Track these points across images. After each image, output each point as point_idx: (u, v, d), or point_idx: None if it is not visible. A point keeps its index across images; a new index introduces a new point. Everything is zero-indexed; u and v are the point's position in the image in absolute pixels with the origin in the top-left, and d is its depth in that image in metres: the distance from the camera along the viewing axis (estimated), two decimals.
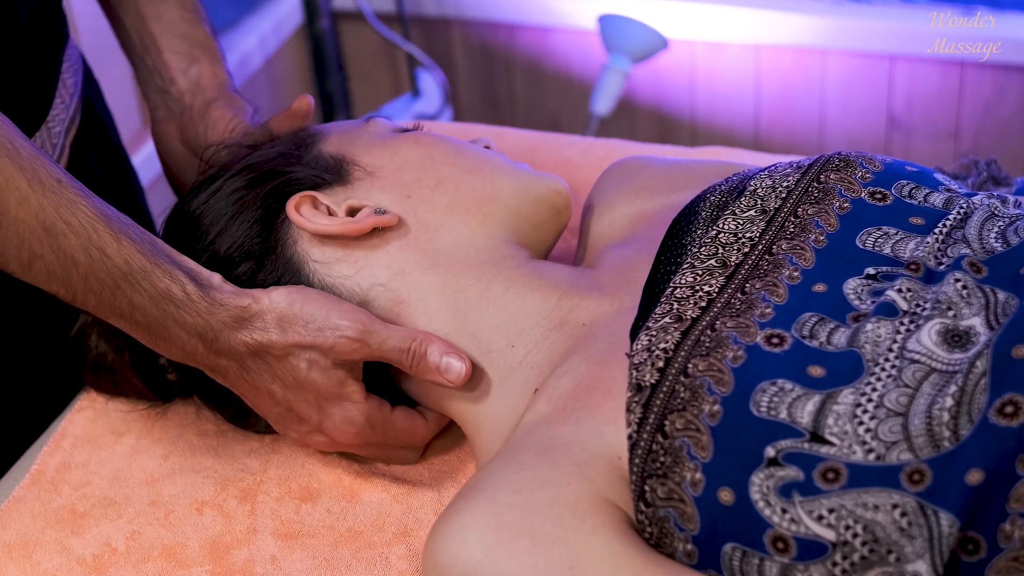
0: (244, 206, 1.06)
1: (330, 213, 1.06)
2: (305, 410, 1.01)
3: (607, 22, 2.30)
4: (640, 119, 2.49)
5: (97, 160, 1.27)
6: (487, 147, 1.15)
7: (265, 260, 1.05)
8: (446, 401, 1.04)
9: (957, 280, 0.90)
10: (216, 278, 0.98)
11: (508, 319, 1.03)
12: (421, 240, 1.05)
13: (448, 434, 1.10)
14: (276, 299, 0.98)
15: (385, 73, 2.66)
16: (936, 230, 0.95)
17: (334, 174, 1.08)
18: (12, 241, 0.91)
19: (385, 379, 1.06)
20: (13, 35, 1.06)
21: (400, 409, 1.04)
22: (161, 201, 1.29)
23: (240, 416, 1.10)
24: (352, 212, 1.06)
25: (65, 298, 0.95)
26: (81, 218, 0.92)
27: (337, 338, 0.98)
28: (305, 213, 1.05)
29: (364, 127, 1.13)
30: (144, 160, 1.97)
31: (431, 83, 2.49)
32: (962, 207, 0.98)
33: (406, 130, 1.13)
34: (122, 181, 1.33)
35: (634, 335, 0.94)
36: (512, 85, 2.56)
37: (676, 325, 0.92)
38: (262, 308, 0.98)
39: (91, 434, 1.13)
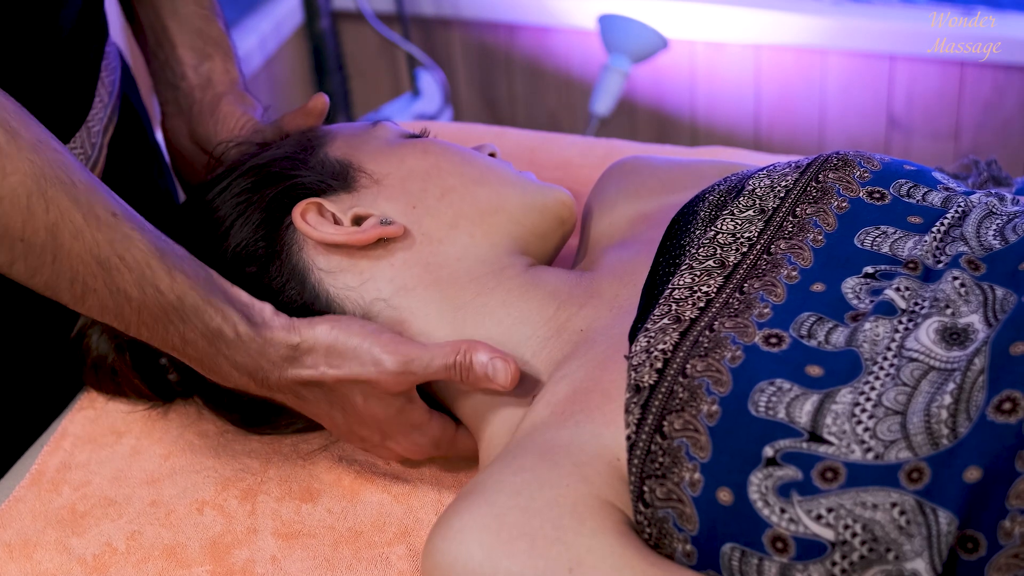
0: (249, 207, 1.06)
1: (336, 221, 1.05)
2: (367, 433, 1.02)
3: (607, 22, 2.30)
4: (640, 119, 2.49)
5: (133, 158, 1.26)
6: (492, 154, 1.15)
7: (270, 265, 1.05)
8: (452, 405, 1.04)
9: (955, 278, 0.90)
10: (268, 310, 0.98)
11: (505, 331, 1.02)
12: (425, 252, 1.05)
13: None
14: (321, 333, 0.98)
15: (385, 73, 2.66)
16: (934, 228, 0.95)
17: (340, 180, 1.07)
18: (66, 275, 0.91)
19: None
20: (55, 42, 1.06)
21: (462, 429, 1.05)
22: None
23: (248, 423, 1.10)
24: (358, 220, 1.06)
25: (119, 328, 0.95)
26: (136, 253, 0.92)
27: (380, 374, 0.97)
28: (311, 220, 1.04)
29: (371, 131, 1.13)
30: None
31: (431, 83, 2.49)
32: (960, 205, 0.98)
33: (413, 135, 1.13)
34: (157, 179, 1.32)
35: (633, 337, 0.94)
36: (512, 85, 2.56)
37: (674, 326, 0.92)
38: (311, 345, 0.97)
39: (91, 434, 1.13)
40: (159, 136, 1.35)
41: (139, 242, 0.93)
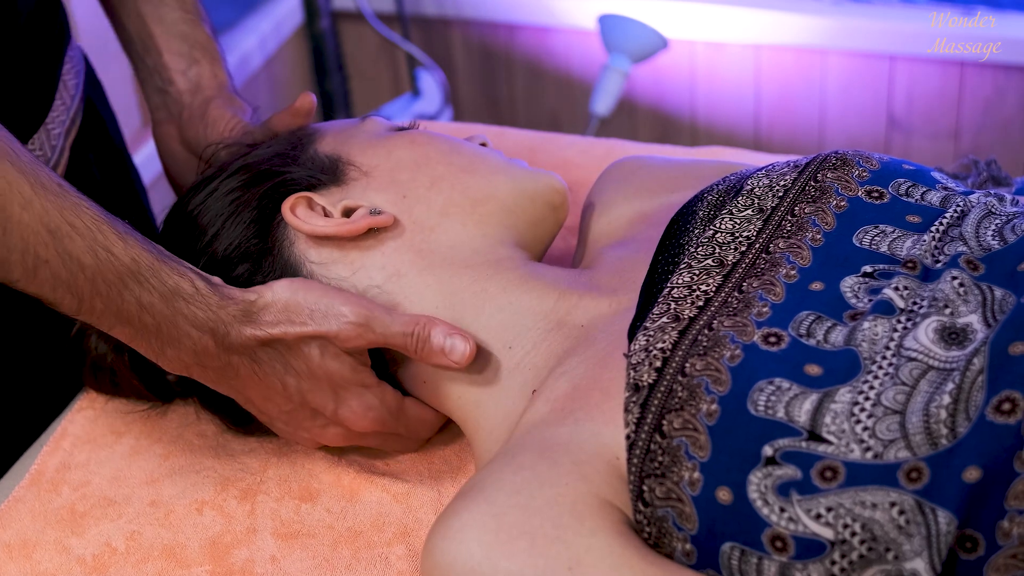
0: (240, 207, 1.06)
1: (325, 214, 1.06)
2: (320, 400, 1.01)
3: (607, 22, 2.30)
4: (640, 119, 2.49)
5: (98, 162, 1.27)
6: (483, 144, 1.15)
7: (263, 261, 1.05)
8: (446, 402, 1.04)
9: (954, 278, 0.90)
10: (217, 280, 0.98)
11: (505, 320, 1.03)
12: (417, 240, 1.05)
13: (448, 434, 1.11)
14: (279, 290, 0.98)
15: (385, 73, 2.66)
16: (933, 228, 0.95)
17: (329, 174, 1.08)
18: (17, 246, 0.89)
19: (387, 378, 1.06)
20: (13, 29, 1.06)
21: (410, 399, 1.05)
22: (161, 200, 1.29)
23: (241, 422, 1.10)
24: (348, 212, 1.06)
25: (71, 306, 0.93)
26: (85, 220, 0.92)
27: (342, 324, 0.98)
28: (300, 214, 1.05)
29: (360, 126, 1.13)
30: (145, 159, 1.97)
31: (431, 83, 2.49)
32: (959, 205, 0.98)
33: (403, 128, 1.13)
34: (124, 183, 1.33)
35: (632, 335, 0.94)
36: (512, 85, 2.56)
37: (673, 325, 0.92)
38: (267, 301, 0.98)
39: (91, 434, 1.13)
40: (125, 138, 1.36)
41: (87, 208, 0.92)
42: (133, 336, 0.96)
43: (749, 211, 1.01)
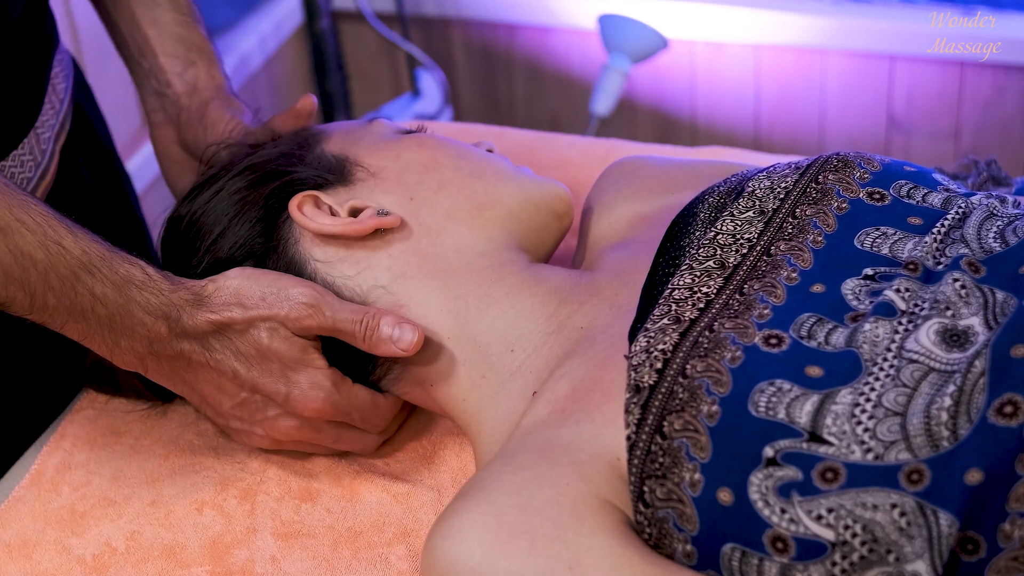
0: (246, 206, 1.07)
1: (332, 213, 1.06)
2: (271, 385, 1.01)
3: (607, 22, 2.30)
4: (640, 119, 2.49)
5: (87, 165, 1.27)
6: (489, 150, 1.15)
7: (267, 260, 1.05)
8: (448, 403, 1.04)
9: (955, 280, 0.90)
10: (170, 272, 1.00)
11: (508, 324, 1.03)
12: (423, 243, 1.05)
13: (448, 435, 1.11)
14: (232, 275, 1.00)
15: (385, 73, 2.66)
16: (934, 230, 0.95)
17: (337, 174, 1.08)
18: None
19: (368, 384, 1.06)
20: (2, 39, 1.06)
21: (360, 385, 1.04)
22: (159, 203, 1.29)
23: None
24: (354, 212, 1.06)
25: (23, 304, 0.93)
26: (34, 216, 0.92)
27: (293, 305, 0.99)
28: (307, 212, 1.05)
29: (367, 128, 1.13)
30: (143, 161, 1.97)
31: (431, 83, 2.49)
32: (960, 207, 0.98)
33: (409, 132, 1.13)
34: (113, 186, 1.33)
35: (632, 337, 0.94)
36: (512, 85, 2.56)
37: (674, 326, 0.92)
38: (219, 286, 0.99)
39: (91, 434, 1.13)
40: (122, 140, 1.36)
41: (35, 205, 0.93)
42: (86, 332, 0.96)
43: (750, 213, 1.01)
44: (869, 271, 0.94)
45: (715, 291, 0.95)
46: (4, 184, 0.92)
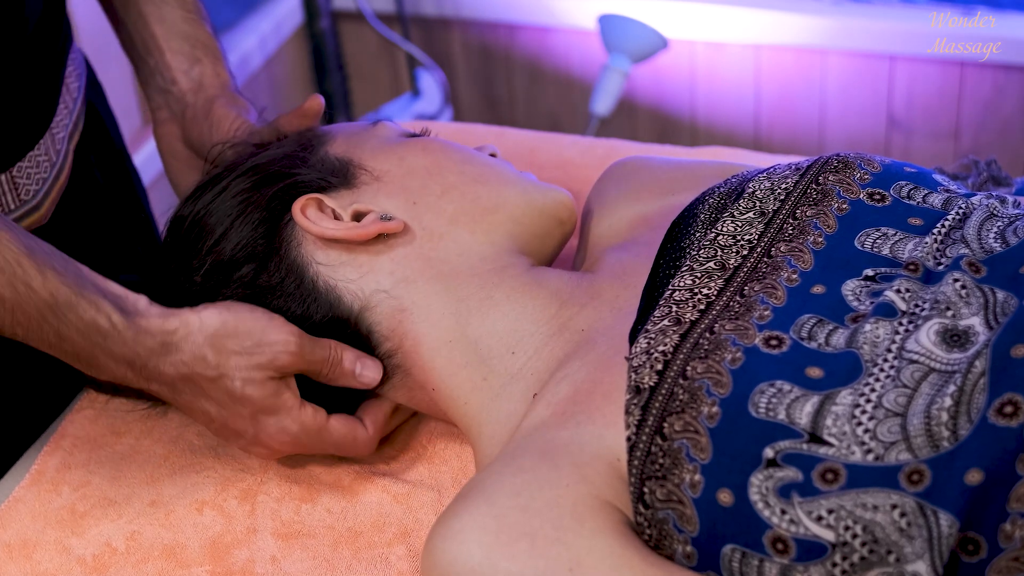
0: (249, 207, 1.06)
1: (335, 216, 1.06)
2: (240, 424, 1.01)
3: (607, 22, 2.30)
4: (640, 119, 2.49)
5: (99, 164, 1.27)
6: (493, 155, 1.15)
7: (269, 262, 1.05)
8: (450, 406, 1.04)
9: (956, 280, 0.90)
10: (142, 302, 0.98)
11: (509, 327, 1.03)
12: (426, 247, 1.05)
13: (448, 436, 1.11)
14: (207, 318, 0.98)
15: (385, 73, 2.66)
16: (935, 230, 0.95)
17: (340, 177, 1.08)
18: None
19: (362, 394, 1.07)
20: (21, 38, 1.06)
21: (337, 417, 1.04)
22: (163, 200, 1.29)
23: None
24: (358, 216, 1.06)
25: None
26: (5, 253, 0.93)
27: (277, 352, 0.99)
28: (311, 216, 1.05)
29: (371, 130, 1.13)
30: (146, 159, 1.97)
31: (431, 83, 2.49)
32: (961, 207, 0.98)
33: (413, 135, 1.13)
34: (124, 184, 1.33)
35: (633, 338, 0.94)
36: (512, 85, 2.56)
37: (675, 328, 0.92)
38: (191, 330, 0.98)
39: (91, 434, 1.13)
40: (125, 139, 1.36)
41: (8, 242, 0.93)
42: (57, 355, 0.98)
43: (751, 214, 1.01)
44: (869, 272, 0.94)
45: (716, 292, 0.95)
46: None
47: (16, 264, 0.93)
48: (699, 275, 0.96)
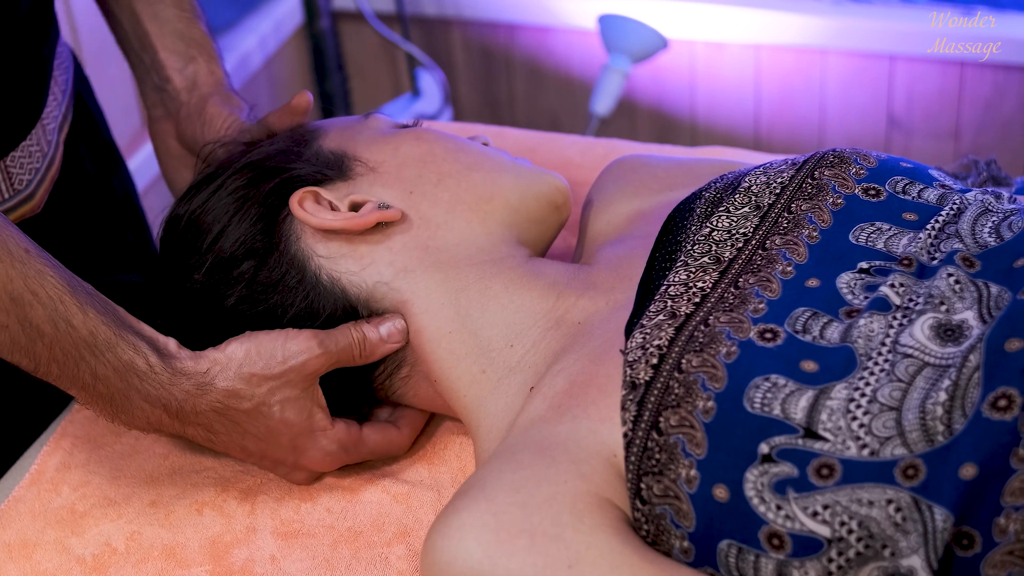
0: (246, 203, 1.07)
1: (332, 208, 1.06)
2: (279, 454, 1.03)
3: (607, 22, 2.30)
4: (640, 119, 2.49)
5: (89, 156, 1.27)
6: (485, 144, 1.15)
7: (269, 258, 1.05)
8: (452, 398, 1.04)
9: (950, 274, 0.90)
10: (172, 344, 0.99)
11: (507, 318, 1.03)
12: (424, 236, 1.06)
13: (448, 434, 1.11)
14: (232, 353, 0.99)
15: (385, 73, 2.66)
16: (929, 225, 0.96)
17: (336, 169, 1.08)
18: None
19: (368, 399, 1.07)
20: (12, 27, 1.07)
21: (369, 426, 1.06)
22: (159, 201, 1.29)
23: None
24: (355, 207, 1.06)
25: (27, 368, 0.95)
26: (48, 288, 0.93)
27: (304, 360, 0.99)
28: (308, 208, 1.05)
29: (364, 123, 1.13)
30: (144, 160, 1.97)
31: (431, 83, 2.49)
32: (956, 203, 0.98)
33: (406, 126, 1.14)
34: (113, 176, 1.33)
35: (628, 332, 0.94)
36: (512, 85, 2.57)
37: (670, 322, 0.92)
38: (221, 367, 0.99)
39: (91, 434, 1.13)
40: (124, 138, 1.36)
41: (51, 277, 0.93)
42: (88, 400, 0.97)
43: (746, 208, 1.01)
44: (864, 266, 0.94)
45: (710, 286, 0.95)
46: (25, 251, 0.93)
47: (58, 300, 0.93)
48: (694, 269, 0.97)
